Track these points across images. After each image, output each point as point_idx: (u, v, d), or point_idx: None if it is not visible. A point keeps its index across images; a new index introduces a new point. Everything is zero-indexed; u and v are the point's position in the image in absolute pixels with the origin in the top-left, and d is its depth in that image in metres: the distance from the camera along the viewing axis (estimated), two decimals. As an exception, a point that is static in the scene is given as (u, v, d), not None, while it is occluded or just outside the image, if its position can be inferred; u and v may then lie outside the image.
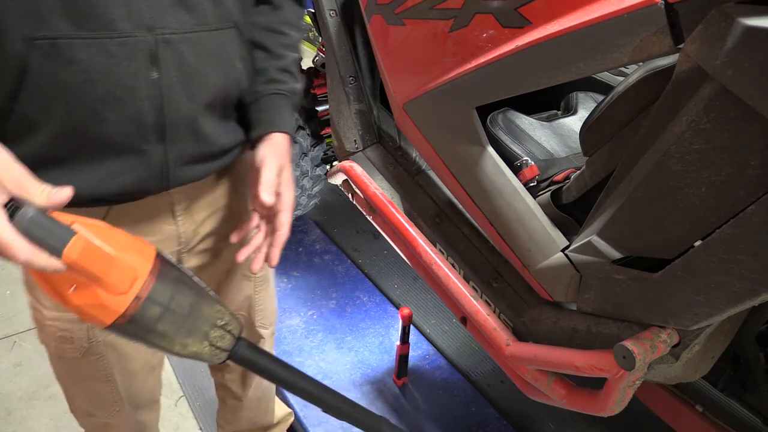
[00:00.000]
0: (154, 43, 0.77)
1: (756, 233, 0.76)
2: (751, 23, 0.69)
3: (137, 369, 1.06)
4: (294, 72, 1.01)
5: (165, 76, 0.79)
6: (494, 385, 1.90)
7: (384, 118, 1.69)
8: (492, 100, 1.14)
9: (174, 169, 0.86)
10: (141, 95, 0.78)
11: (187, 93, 0.82)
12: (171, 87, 0.80)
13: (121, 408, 1.08)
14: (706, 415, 1.15)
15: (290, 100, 0.99)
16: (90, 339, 0.98)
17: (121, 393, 1.07)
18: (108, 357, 1.01)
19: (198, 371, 1.91)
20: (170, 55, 0.79)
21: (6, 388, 1.85)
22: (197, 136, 0.87)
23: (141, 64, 0.77)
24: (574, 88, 1.53)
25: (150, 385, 1.13)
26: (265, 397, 1.47)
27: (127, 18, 0.75)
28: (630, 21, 0.83)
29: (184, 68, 0.81)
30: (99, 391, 1.05)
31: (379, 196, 1.53)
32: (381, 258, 2.44)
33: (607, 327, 1.05)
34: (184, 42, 0.80)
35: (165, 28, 0.78)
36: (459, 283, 1.35)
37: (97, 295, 0.69)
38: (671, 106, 0.83)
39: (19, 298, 2.19)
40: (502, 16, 1.04)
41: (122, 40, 0.75)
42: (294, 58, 1.02)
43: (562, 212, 1.16)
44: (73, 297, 0.70)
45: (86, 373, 1.02)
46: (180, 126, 0.84)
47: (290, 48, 1.01)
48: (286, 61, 1.00)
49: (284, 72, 0.99)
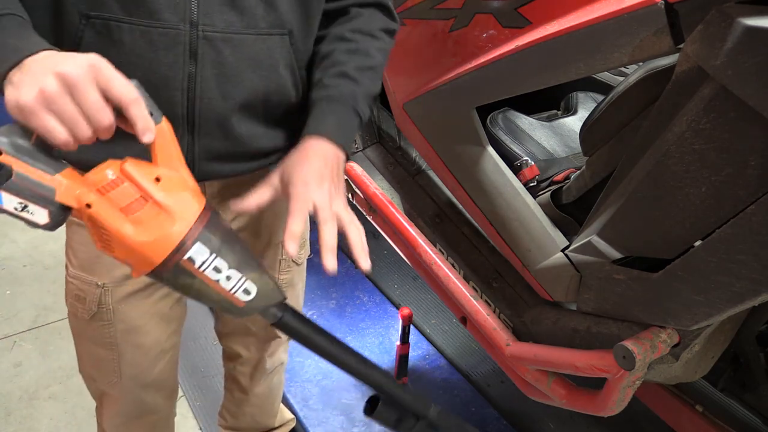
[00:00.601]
0: (195, 38, 0.80)
1: (756, 233, 0.76)
2: (751, 23, 0.69)
3: (147, 346, 1.06)
4: (353, 76, 0.91)
5: (201, 71, 0.81)
6: (494, 385, 1.90)
7: (384, 118, 1.69)
8: (492, 100, 1.14)
9: (200, 161, 0.88)
10: (175, 86, 0.81)
11: (221, 91, 0.84)
12: (206, 83, 0.82)
13: (118, 380, 1.08)
14: (706, 415, 1.15)
15: (341, 104, 0.90)
16: (100, 304, 0.99)
17: (124, 366, 1.07)
18: (116, 326, 1.02)
19: (198, 371, 1.91)
20: (209, 52, 0.81)
21: (6, 388, 1.84)
22: (228, 135, 0.88)
23: (179, 56, 0.80)
24: (574, 88, 1.53)
25: (160, 368, 1.12)
26: (271, 396, 1.47)
27: (173, 11, 0.78)
28: (630, 21, 0.83)
29: (221, 67, 0.82)
30: (101, 356, 1.05)
31: (379, 196, 1.53)
32: (381, 258, 2.44)
33: (607, 327, 1.05)
34: (226, 42, 0.82)
35: (209, 26, 0.80)
36: (459, 283, 1.35)
37: (154, 227, 0.66)
38: (671, 106, 0.83)
39: (19, 298, 2.19)
40: (502, 16, 1.04)
41: (164, 31, 0.78)
42: (358, 63, 0.92)
43: (562, 212, 1.16)
44: (127, 233, 0.66)
45: (92, 336, 1.03)
46: (210, 121, 0.85)
47: (355, 53, 0.93)
48: (346, 66, 0.91)
49: (339, 77, 0.91)
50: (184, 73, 0.81)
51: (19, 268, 2.33)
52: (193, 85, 0.82)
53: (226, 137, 0.88)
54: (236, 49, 0.83)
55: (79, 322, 1.04)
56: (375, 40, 0.96)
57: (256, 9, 0.83)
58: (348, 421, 1.74)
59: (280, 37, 0.87)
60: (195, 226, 0.68)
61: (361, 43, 0.94)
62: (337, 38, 0.95)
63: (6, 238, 2.45)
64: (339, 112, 0.89)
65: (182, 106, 0.83)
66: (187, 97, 0.82)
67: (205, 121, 0.85)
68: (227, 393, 1.46)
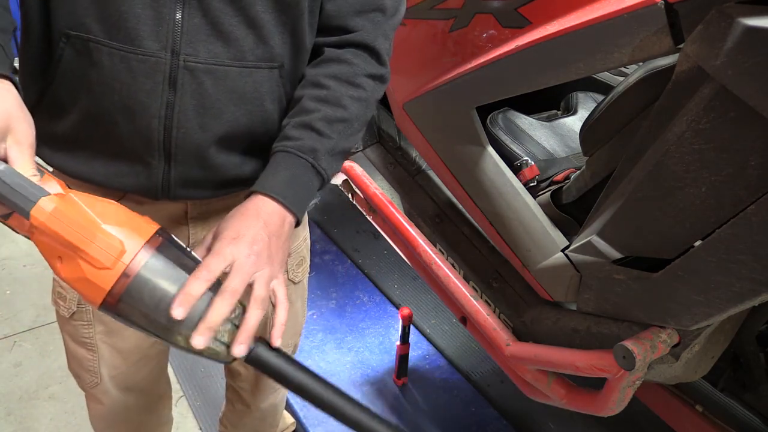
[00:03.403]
0: (175, 67, 0.77)
1: (756, 233, 0.76)
2: (751, 23, 0.69)
3: (127, 350, 1.04)
4: (318, 128, 0.82)
5: (180, 101, 0.79)
6: (494, 385, 1.90)
7: (384, 118, 1.69)
8: (492, 100, 1.14)
9: (176, 187, 0.86)
10: (152, 113, 0.79)
11: (199, 122, 0.81)
12: (184, 113, 0.80)
13: (99, 381, 1.07)
14: (706, 415, 1.15)
15: (297, 159, 0.80)
16: (80, 303, 0.99)
17: (104, 368, 1.05)
18: (95, 327, 1.01)
19: (198, 371, 1.91)
20: (190, 82, 0.78)
21: (6, 388, 1.84)
22: (205, 164, 0.85)
23: (158, 84, 0.78)
24: (574, 88, 1.53)
25: (144, 375, 1.10)
26: (274, 410, 1.44)
27: (155, 38, 0.76)
28: (630, 21, 0.83)
29: (201, 98, 0.80)
30: (81, 355, 1.04)
31: (379, 196, 1.53)
32: (381, 258, 2.44)
33: (607, 327, 1.05)
34: (209, 73, 0.79)
35: (191, 55, 0.77)
36: (459, 283, 1.35)
37: (81, 269, 0.64)
38: (671, 106, 0.83)
39: (19, 298, 2.19)
40: (502, 16, 1.04)
41: (144, 58, 0.76)
42: (326, 113, 0.83)
43: (562, 212, 1.16)
44: (60, 269, 0.66)
45: (72, 334, 1.03)
46: (187, 151, 0.83)
47: (325, 102, 0.84)
48: (312, 116, 0.82)
49: (303, 128, 0.82)
50: (162, 101, 0.78)
51: (19, 268, 2.33)
52: (170, 113, 0.79)
53: (202, 166, 0.85)
54: (219, 81, 0.80)
55: (61, 319, 1.03)
56: (352, 87, 0.85)
57: (245, 41, 0.79)
58: (348, 421, 1.74)
59: (269, 70, 0.83)
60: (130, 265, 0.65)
61: (334, 90, 0.84)
62: (310, 83, 0.86)
63: (6, 238, 2.45)
64: (294, 169, 0.80)
65: (158, 133, 0.80)
66: (164, 125, 0.80)
67: (182, 150, 0.82)
68: (228, 404, 1.43)
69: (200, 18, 0.77)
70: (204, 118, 0.81)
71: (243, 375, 1.28)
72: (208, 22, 0.77)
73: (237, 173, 0.88)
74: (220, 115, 0.81)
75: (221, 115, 0.81)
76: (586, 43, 0.90)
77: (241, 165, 0.88)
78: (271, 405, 1.40)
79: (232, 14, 0.77)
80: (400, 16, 0.92)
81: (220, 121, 0.81)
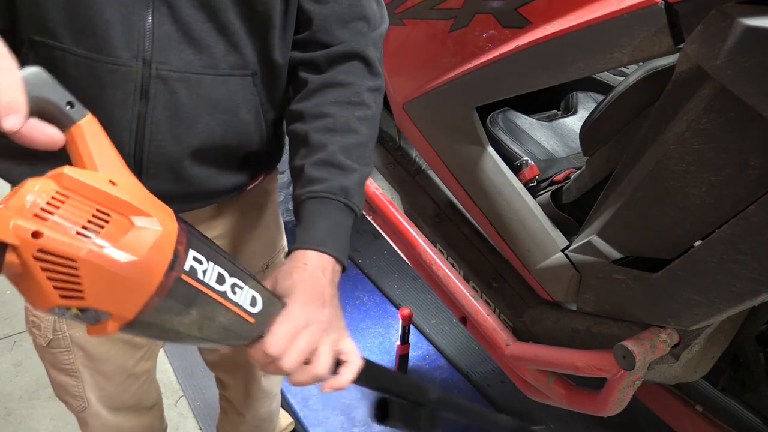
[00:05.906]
0: (147, 76, 0.74)
1: (756, 233, 0.76)
2: (751, 23, 0.69)
3: (109, 372, 1.02)
4: (339, 162, 0.77)
5: (152, 112, 0.75)
6: (494, 385, 1.90)
7: (384, 118, 1.68)
8: (492, 100, 1.14)
9: None
10: (122, 126, 0.75)
11: (173, 134, 0.77)
12: (156, 124, 0.76)
13: (87, 406, 1.05)
14: (706, 415, 1.15)
15: (331, 203, 0.76)
16: (55, 331, 0.95)
17: (89, 392, 1.03)
18: (75, 353, 0.98)
19: (198, 371, 1.91)
20: (163, 92, 0.75)
21: (6, 388, 1.84)
22: (178, 177, 0.81)
23: (129, 95, 0.74)
24: (574, 88, 1.53)
25: (132, 392, 1.07)
26: (269, 417, 1.43)
27: (125, 46, 0.72)
28: (630, 21, 0.83)
29: (175, 108, 0.76)
30: (65, 383, 1.02)
31: (379, 196, 1.53)
32: (381, 258, 2.44)
33: (607, 327, 1.05)
34: (182, 82, 0.75)
35: (164, 64, 0.74)
36: (459, 283, 1.35)
37: (139, 233, 0.50)
38: (671, 106, 0.83)
39: (19, 298, 2.18)
40: (502, 16, 1.04)
41: (114, 68, 0.72)
42: (340, 144, 0.78)
43: (562, 212, 1.16)
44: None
45: (52, 362, 1.00)
46: (159, 164, 0.79)
47: (334, 131, 0.79)
48: (328, 151, 0.77)
49: (323, 166, 0.77)
50: (134, 113, 0.74)
51: (19, 268, 2.33)
52: (142, 125, 0.75)
53: (176, 180, 0.82)
54: (192, 90, 0.76)
55: (39, 348, 1.00)
56: (356, 108, 0.82)
57: (216, 48, 0.76)
58: (348, 421, 1.74)
59: (242, 78, 0.79)
60: (180, 231, 0.55)
61: (338, 116, 0.80)
62: (312, 116, 0.81)
63: (6, 238, 2.45)
64: (330, 214, 0.76)
65: (129, 147, 0.76)
66: (135, 139, 0.76)
67: (154, 164, 0.78)
68: (222, 413, 1.41)
69: (170, 24, 0.73)
70: (178, 129, 0.77)
71: (232, 386, 1.27)
72: (179, 29, 0.73)
73: (211, 186, 0.86)
74: (194, 125, 0.78)
75: (195, 125, 0.78)
76: (586, 43, 0.90)
77: (217, 177, 0.85)
78: (266, 413, 1.39)
79: (202, 20, 0.74)
80: (386, 26, 0.89)
81: (195, 131, 0.78)
